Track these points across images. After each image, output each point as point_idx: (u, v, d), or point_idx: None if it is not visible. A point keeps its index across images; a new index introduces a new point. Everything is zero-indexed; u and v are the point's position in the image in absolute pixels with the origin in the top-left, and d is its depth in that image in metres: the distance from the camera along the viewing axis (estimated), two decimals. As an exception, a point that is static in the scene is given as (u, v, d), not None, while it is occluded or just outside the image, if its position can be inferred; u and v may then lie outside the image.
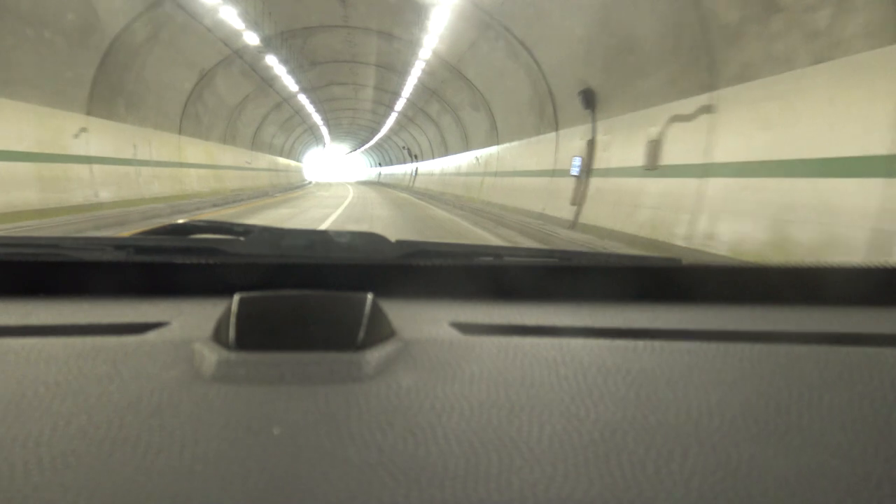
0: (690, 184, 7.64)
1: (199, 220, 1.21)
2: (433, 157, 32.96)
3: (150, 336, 0.66)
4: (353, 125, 48.89)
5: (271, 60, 19.52)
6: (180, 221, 1.21)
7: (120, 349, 0.62)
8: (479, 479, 0.40)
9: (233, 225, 1.18)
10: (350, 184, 49.76)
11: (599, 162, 11.00)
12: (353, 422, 0.47)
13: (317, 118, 38.74)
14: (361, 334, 0.59)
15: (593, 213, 10.71)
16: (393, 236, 1.09)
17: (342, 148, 73.72)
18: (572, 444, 0.44)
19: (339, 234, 1.14)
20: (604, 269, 1.01)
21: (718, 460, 0.43)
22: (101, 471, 0.40)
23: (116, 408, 0.49)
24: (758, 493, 0.40)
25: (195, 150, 19.66)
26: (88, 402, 0.50)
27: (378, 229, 1.44)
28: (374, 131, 46.45)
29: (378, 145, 55.55)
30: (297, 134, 41.67)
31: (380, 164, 63.74)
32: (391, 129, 40.86)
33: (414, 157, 40.58)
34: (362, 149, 64.96)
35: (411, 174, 40.33)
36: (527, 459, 0.42)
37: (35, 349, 0.61)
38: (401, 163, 48.04)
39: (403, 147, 42.90)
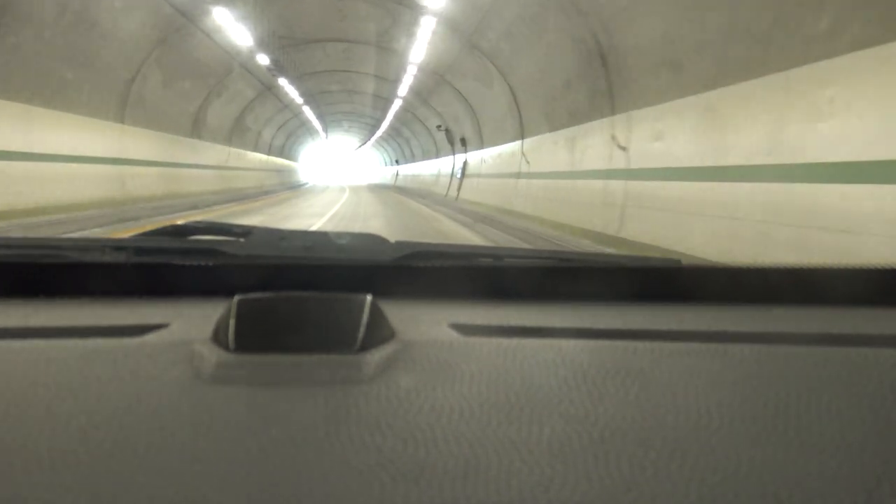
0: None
1: (199, 222, 1.20)
2: (523, 137, 14.20)
3: (150, 338, 0.66)
4: (351, 96, 30.15)
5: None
6: (179, 223, 1.19)
7: (119, 351, 0.62)
8: (479, 480, 0.40)
9: (232, 226, 1.16)
10: (352, 188, 34.00)
11: None
12: (352, 424, 0.47)
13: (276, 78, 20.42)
14: (361, 336, 0.59)
15: None
16: None
17: (348, 142, 58.63)
18: (571, 446, 0.44)
19: (339, 235, 1.15)
20: (603, 271, 1.02)
21: (717, 462, 0.43)
22: (100, 472, 0.40)
23: (116, 409, 0.49)
24: (757, 494, 0.40)
25: None
26: (88, 404, 0.50)
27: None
28: (387, 101, 27.60)
29: (394, 131, 37.16)
30: (250, 104, 23.27)
31: (397, 162, 45.31)
32: (414, 90, 22.32)
33: (462, 145, 22.45)
34: (373, 139, 46.35)
35: (453, 175, 23.89)
36: (526, 461, 0.42)
37: (35, 351, 0.61)
38: (430, 156, 30.22)
39: (440, 127, 23.93)
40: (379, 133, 40.98)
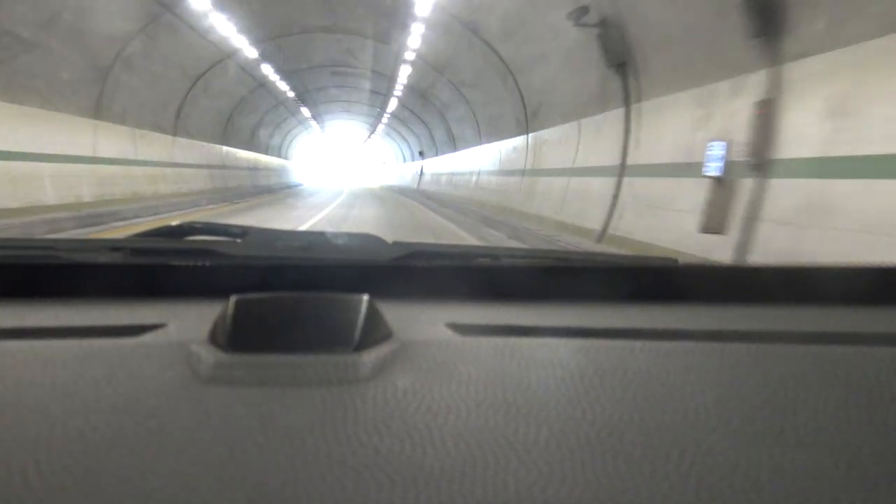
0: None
1: (196, 222, 1.19)
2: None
3: (147, 338, 0.66)
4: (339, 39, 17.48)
5: None
6: (175, 223, 1.18)
7: (116, 351, 0.62)
8: (476, 480, 0.40)
9: (229, 226, 1.16)
10: (353, 194, 26.57)
11: None
12: (349, 423, 0.47)
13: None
14: (358, 336, 0.59)
15: None
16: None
17: (352, 132, 47.87)
18: (569, 445, 0.45)
19: (336, 235, 1.16)
20: (600, 270, 1.02)
21: (715, 460, 0.43)
22: (97, 473, 0.40)
23: (113, 410, 0.49)
24: (754, 492, 0.40)
25: None
26: (85, 405, 0.49)
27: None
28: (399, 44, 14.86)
29: (417, 96, 22.46)
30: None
31: (421, 154, 32.00)
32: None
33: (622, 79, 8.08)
34: (385, 115, 31.69)
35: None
36: (523, 460, 0.42)
37: (31, 351, 0.61)
38: (499, 133, 17.08)
39: (581, 11, 8.44)
40: (393, 101, 26.13)
